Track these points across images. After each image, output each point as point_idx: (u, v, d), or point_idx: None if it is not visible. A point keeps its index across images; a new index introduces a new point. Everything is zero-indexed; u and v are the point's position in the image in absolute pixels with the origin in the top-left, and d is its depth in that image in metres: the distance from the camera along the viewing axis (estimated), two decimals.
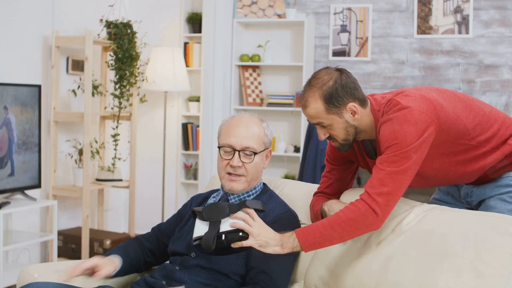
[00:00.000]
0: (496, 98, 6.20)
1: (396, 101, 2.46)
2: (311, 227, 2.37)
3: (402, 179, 2.37)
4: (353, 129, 2.54)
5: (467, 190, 2.86)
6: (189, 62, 6.68)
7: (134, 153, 6.15)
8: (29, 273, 2.82)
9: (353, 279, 2.45)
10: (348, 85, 2.49)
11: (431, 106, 2.46)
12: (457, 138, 2.57)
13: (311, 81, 2.53)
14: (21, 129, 4.94)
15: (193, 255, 2.68)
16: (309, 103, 2.51)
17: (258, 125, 2.81)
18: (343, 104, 2.48)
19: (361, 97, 2.52)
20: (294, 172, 6.81)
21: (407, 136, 2.37)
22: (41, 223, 5.55)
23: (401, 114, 2.41)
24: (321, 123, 2.53)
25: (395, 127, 2.40)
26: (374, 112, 2.54)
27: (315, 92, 2.49)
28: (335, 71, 2.51)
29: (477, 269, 2.15)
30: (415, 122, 2.39)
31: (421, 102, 2.45)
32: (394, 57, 6.59)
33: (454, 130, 2.54)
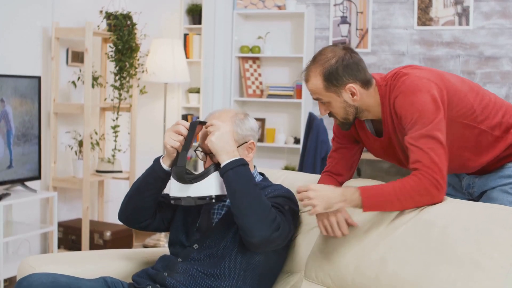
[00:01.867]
0: (496, 90, 6.20)
1: (403, 72, 2.51)
2: (376, 189, 2.40)
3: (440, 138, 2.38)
4: (352, 109, 2.57)
5: (468, 181, 2.85)
6: (189, 54, 6.68)
7: (134, 144, 6.14)
8: (29, 264, 2.82)
9: (353, 269, 2.45)
10: (350, 65, 2.50)
11: (438, 76, 2.51)
12: (465, 117, 2.57)
13: (316, 56, 2.56)
14: (20, 121, 4.94)
15: (196, 246, 2.68)
16: (310, 77, 2.55)
17: (226, 121, 2.72)
18: (342, 84, 2.51)
19: (364, 78, 2.54)
20: (294, 164, 6.81)
21: (426, 105, 2.40)
22: (41, 215, 5.55)
23: (412, 84, 2.44)
24: (320, 99, 2.57)
25: (411, 98, 2.42)
26: (380, 88, 2.57)
27: (317, 68, 2.52)
28: (341, 50, 2.53)
29: (478, 260, 2.15)
30: (427, 90, 2.43)
31: (428, 72, 2.50)
32: (394, 49, 6.58)
33: (461, 106, 2.55)
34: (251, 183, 2.51)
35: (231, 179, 2.51)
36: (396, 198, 2.38)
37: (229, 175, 2.51)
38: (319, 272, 2.62)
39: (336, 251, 2.55)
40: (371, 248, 2.43)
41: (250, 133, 2.78)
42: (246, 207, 2.46)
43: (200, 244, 2.67)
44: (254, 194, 2.48)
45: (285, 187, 2.82)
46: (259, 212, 2.45)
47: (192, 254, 2.67)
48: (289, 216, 2.64)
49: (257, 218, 2.45)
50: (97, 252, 3.21)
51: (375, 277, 2.37)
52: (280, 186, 2.80)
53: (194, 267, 2.63)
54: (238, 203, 2.48)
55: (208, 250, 2.65)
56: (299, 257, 2.81)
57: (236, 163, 2.53)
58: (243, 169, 2.53)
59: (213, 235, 2.66)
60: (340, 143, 2.86)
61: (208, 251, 2.64)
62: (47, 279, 2.51)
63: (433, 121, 2.39)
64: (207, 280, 2.60)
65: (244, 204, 2.47)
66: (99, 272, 2.85)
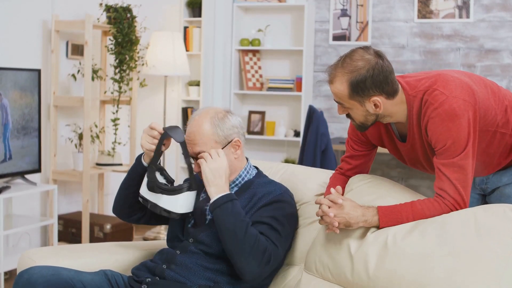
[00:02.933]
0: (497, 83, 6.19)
1: (439, 91, 2.41)
2: (395, 212, 2.43)
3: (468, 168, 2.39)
4: (373, 117, 2.51)
5: (482, 177, 2.84)
6: (189, 47, 6.67)
7: (134, 137, 6.14)
8: (29, 257, 2.82)
9: (352, 264, 2.45)
10: (379, 78, 2.41)
11: (470, 92, 2.43)
12: (490, 126, 2.55)
13: (346, 59, 2.46)
14: (20, 114, 4.93)
15: (191, 240, 2.69)
16: (335, 81, 2.46)
17: (205, 125, 2.71)
18: (368, 96, 2.43)
19: (390, 90, 2.45)
20: (294, 157, 6.82)
21: (461, 132, 2.37)
22: (41, 208, 5.55)
23: (450, 108, 2.37)
24: (342, 104, 2.51)
25: (448, 124, 2.37)
26: (408, 97, 2.49)
27: (344, 75, 2.43)
28: (373, 58, 2.43)
29: (477, 253, 2.16)
30: (464, 114, 2.37)
31: (462, 89, 2.42)
32: (394, 42, 6.58)
33: (488, 116, 2.52)
34: (238, 222, 2.52)
35: (218, 218, 2.54)
36: (412, 217, 2.41)
37: (217, 213, 2.55)
38: (319, 266, 2.62)
39: (336, 245, 2.55)
40: (370, 243, 2.43)
41: (232, 131, 2.74)
42: (234, 248, 2.50)
43: (195, 238, 2.68)
44: (240, 234, 2.49)
45: (278, 184, 2.79)
46: (246, 252, 2.49)
47: (189, 247, 2.67)
48: (285, 226, 2.65)
49: (245, 259, 2.49)
50: (97, 245, 3.21)
51: (373, 272, 2.37)
52: (273, 187, 2.74)
53: (193, 259, 2.63)
54: (226, 241, 2.52)
55: (203, 246, 2.65)
56: (299, 250, 2.81)
57: (223, 199, 2.56)
58: (230, 206, 2.55)
59: (206, 232, 2.67)
60: (357, 150, 2.81)
61: (204, 247, 2.65)
62: (48, 272, 2.52)
63: (465, 149, 2.37)
64: (206, 272, 2.61)
65: (232, 243, 2.50)
66: (99, 264, 2.86)
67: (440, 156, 2.40)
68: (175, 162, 6.67)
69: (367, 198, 2.61)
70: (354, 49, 2.49)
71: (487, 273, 2.12)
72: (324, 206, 2.47)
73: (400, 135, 2.64)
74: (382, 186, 2.68)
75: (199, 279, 2.59)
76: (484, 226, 2.21)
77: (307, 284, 2.63)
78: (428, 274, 2.21)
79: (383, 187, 2.67)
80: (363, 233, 2.49)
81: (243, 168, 2.80)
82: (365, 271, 2.40)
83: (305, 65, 6.59)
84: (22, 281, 2.48)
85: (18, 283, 2.49)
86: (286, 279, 2.79)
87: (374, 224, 2.46)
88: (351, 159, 2.84)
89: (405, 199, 2.53)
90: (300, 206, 2.88)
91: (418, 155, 2.60)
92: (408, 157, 2.67)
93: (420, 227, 2.35)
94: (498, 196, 2.78)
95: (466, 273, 2.14)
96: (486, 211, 2.27)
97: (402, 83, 2.51)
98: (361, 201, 2.54)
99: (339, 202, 2.44)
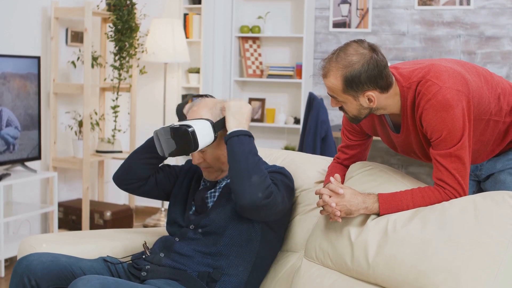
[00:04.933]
0: (497, 70, 6.18)
1: (432, 82, 2.40)
2: (395, 199, 2.44)
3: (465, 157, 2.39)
4: (367, 111, 2.50)
5: (476, 164, 2.84)
6: (189, 34, 6.66)
7: (134, 124, 6.14)
8: (29, 244, 2.83)
9: (352, 251, 2.46)
10: (374, 73, 2.39)
11: (463, 81, 2.43)
12: (483, 114, 2.55)
13: (340, 53, 2.43)
14: (20, 101, 4.93)
15: (192, 227, 2.69)
16: (329, 75, 2.44)
17: (207, 108, 2.73)
18: (362, 90, 2.42)
19: (385, 84, 2.43)
20: (294, 144, 6.81)
21: (455, 122, 2.36)
22: (41, 195, 5.56)
23: (444, 99, 2.36)
24: (335, 98, 2.49)
25: (442, 114, 2.36)
26: (402, 89, 2.48)
27: (338, 70, 2.41)
28: (368, 52, 2.40)
29: (476, 239, 2.16)
30: (458, 104, 2.37)
31: (455, 79, 2.41)
32: (394, 29, 6.56)
33: (481, 105, 2.52)
34: (252, 152, 2.56)
35: (233, 144, 2.56)
36: (412, 205, 2.43)
37: (233, 140, 2.56)
38: (319, 252, 2.62)
39: (336, 232, 2.55)
40: (371, 230, 2.43)
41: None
42: (243, 171, 2.51)
43: (196, 224, 2.69)
44: (253, 161, 2.53)
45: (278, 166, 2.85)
46: (254, 177, 2.49)
47: (188, 233, 2.68)
48: (283, 190, 2.67)
49: (250, 183, 2.48)
50: (97, 232, 3.22)
51: (373, 259, 2.37)
52: (274, 165, 2.83)
53: (191, 246, 2.64)
54: (236, 166, 2.53)
55: (203, 228, 2.66)
56: (299, 236, 2.82)
57: (242, 132, 2.59)
58: (247, 140, 2.58)
59: (209, 217, 2.68)
60: (352, 140, 2.82)
61: (204, 229, 2.66)
62: (47, 258, 2.52)
63: (460, 140, 2.37)
64: (205, 258, 2.62)
65: (242, 168, 2.51)
66: (99, 251, 2.86)
67: (437, 147, 2.41)
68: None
69: (367, 185, 2.61)
70: (348, 42, 2.47)
71: (487, 259, 2.12)
72: (325, 196, 2.47)
73: (394, 125, 2.64)
74: (383, 173, 2.68)
75: (199, 265, 2.60)
76: (483, 213, 2.22)
77: (307, 271, 2.64)
78: (428, 261, 2.22)
79: (383, 175, 2.67)
80: (363, 220, 2.49)
81: None
82: (365, 258, 2.40)
83: (305, 52, 6.57)
84: (22, 267, 2.49)
85: (18, 270, 2.49)
86: (286, 266, 2.80)
87: (374, 211, 2.46)
88: (347, 149, 2.85)
89: (406, 187, 2.53)
90: (300, 193, 2.89)
91: (412, 146, 2.60)
92: (402, 147, 2.67)
93: (420, 214, 2.35)
94: (492, 182, 2.79)
95: (465, 259, 2.15)
96: (485, 198, 2.28)
97: (395, 75, 2.50)
98: (361, 189, 2.55)
99: (340, 192, 2.45)
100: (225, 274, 2.61)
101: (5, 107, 4.81)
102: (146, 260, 2.69)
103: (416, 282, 2.24)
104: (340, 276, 2.52)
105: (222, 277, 2.60)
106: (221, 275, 2.60)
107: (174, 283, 2.52)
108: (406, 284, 2.27)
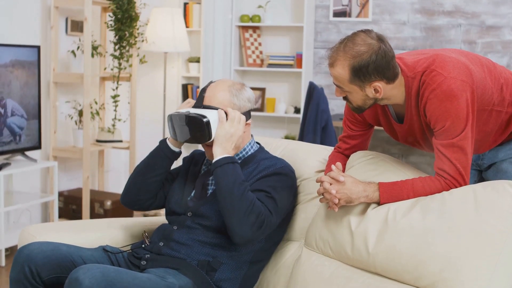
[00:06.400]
0: (498, 59, 6.18)
1: (437, 72, 2.39)
2: (396, 188, 2.44)
3: (467, 148, 2.39)
4: (371, 101, 2.49)
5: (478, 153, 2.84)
6: (189, 23, 6.65)
7: (134, 114, 6.14)
8: (30, 233, 2.83)
9: (352, 240, 2.46)
10: (381, 64, 2.38)
11: (468, 72, 2.42)
12: (486, 104, 2.55)
13: (348, 43, 2.41)
14: (20, 90, 4.92)
15: (189, 214, 2.69)
16: (336, 65, 2.43)
17: (223, 92, 2.73)
18: (369, 81, 2.41)
19: (392, 75, 2.43)
20: (295, 133, 6.82)
21: (459, 113, 2.36)
22: (41, 184, 5.56)
23: (448, 89, 2.35)
24: (341, 88, 2.48)
25: (446, 104, 2.36)
26: (407, 79, 2.47)
27: (346, 60, 2.39)
28: (376, 43, 2.38)
29: (477, 228, 2.16)
30: (462, 95, 2.36)
31: (460, 70, 2.40)
32: (395, 18, 6.55)
33: (484, 96, 2.51)
34: (237, 182, 2.53)
35: (218, 176, 2.56)
36: (412, 194, 2.42)
37: (217, 172, 2.56)
38: (319, 241, 2.63)
39: (336, 221, 2.56)
40: (371, 219, 2.43)
41: (247, 104, 2.76)
42: (229, 208, 2.51)
43: (194, 212, 2.69)
44: (238, 193, 2.51)
45: (280, 159, 2.80)
46: (241, 213, 2.49)
47: (186, 221, 2.68)
48: (283, 197, 2.66)
49: (238, 219, 2.49)
50: (98, 221, 3.22)
51: (373, 248, 2.38)
52: (274, 161, 2.77)
53: (190, 235, 2.64)
54: (222, 201, 2.54)
55: (202, 219, 2.66)
56: (299, 225, 2.82)
57: (225, 160, 2.58)
58: (231, 168, 2.56)
59: (206, 205, 2.68)
60: (354, 130, 2.81)
61: (203, 221, 2.66)
62: (48, 247, 2.52)
63: (463, 130, 2.37)
64: (204, 248, 2.62)
65: (227, 204, 2.51)
66: (99, 240, 2.86)
67: (439, 137, 2.40)
68: None
69: (368, 174, 2.61)
70: (356, 32, 2.45)
71: (487, 249, 2.13)
72: (325, 183, 2.47)
73: (397, 116, 2.63)
74: (383, 162, 2.68)
75: (198, 254, 2.60)
76: (483, 202, 2.21)
77: (307, 259, 2.64)
78: (428, 250, 2.22)
79: (384, 164, 2.67)
80: (364, 209, 2.49)
81: (247, 143, 2.80)
82: (365, 247, 2.40)
83: (305, 42, 6.57)
84: (22, 256, 2.49)
85: (18, 259, 2.49)
86: (286, 255, 2.80)
87: (375, 200, 2.46)
88: (349, 139, 2.84)
89: (406, 176, 2.53)
90: (301, 182, 2.88)
91: (415, 136, 2.59)
92: (405, 137, 2.66)
93: (420, 203, 2.35)
94: (494, 171, 2.79)
95: (465, 248, 2.15)
96: (486, 187, 2.27)
97: (400, 65, 2.49)
98: (362, 178, 2.55)
99: (341, 180, 2.45)
100: (225, 264, 2.62)
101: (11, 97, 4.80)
102: (146, 249, 2.69)
103: (416, 271, 2.24)
104: (340, 265, 2.52)
105: (221, 266, 2.60)
106: (220, 264, 2.60)
107: (174, 271, 2.52)
108: (406, 273, 2.27)
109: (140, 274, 2.41)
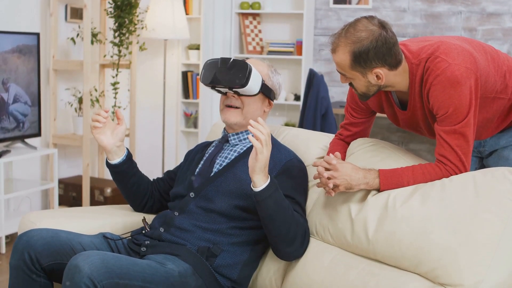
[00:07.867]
0: (498, 47, 6.16)
1: (441, 58, 2.39)
2: (396, 175, 2.45)
3: (469, 135, 2.39)
4: (375, 88, 2.49)
5: (480, 140, 2.84)
6: (188, 10, 6.63)
7: (134, 101, 6.13)
8: (30, 220, 2.83)
9: (352, 227, 2.46)
10: (382, 50, 2.38)
11: (472, 59, 2.41)
12: (489, 92, 2.55)
13: (349, 29, 2.41)
14: (20, 78, 4.92)
15: (192, 195, 2.69)
16: (337, 51, 2.43)
17: (263, 66, 2.86)
18: (370, 67, 2.41)
19: (393, 62, 2.42)
20: (295, 120, 6.81)
21: (462, 100, 2.35)
22: (41, 172, 5.56)
23: (453, 75, 2.35)
24: (344, 74, 2.49)
25: (450, 91, 2.36)
26: (411, 65, 2.47)
27: (347, 46, 2.39)
28: (377, 29, 2.38)
29: (477, 215, 2.17)
30: (466, 82, 2.36)
31: (464, 57, 2.40)
32: (395, 5, 6.53)
33: (488, 84, 2.51)
34: (286, 209, 2.52)
35: (269, 207, 2.48)
36: (412, 181, 2.43)
37: (268, 203, 2.47)
38: (320, 228, 2.63)
39: (336, 208, 2.56)
40: (371, 206, 2.44)
41: (276, 86, 2.90)
42: (285, 236, 2.54)
43: (196, 194, 2.69)
44: (288, 219, 2.52)
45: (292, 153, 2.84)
46: (291, 236, 2.54)
47: (188, 205, 2.68)
48: (303, 193, 2.75)
49: (293, 244, 2.56)
50: (97, 208, 3.23)
51: (373, 234, 2.38)
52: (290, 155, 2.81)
53: (191, 221, 2.64)
54: (271, 227, 2.52)
55: (205, 202, 2.67)
56: None
57: (271, 188, 2.48)
58: (279, 195, 2.51)
59: (210, 187, 2.68)
60: (356, 118, 2.81)
61: (205, 203, 2.66)
62: (47, 234, 2.52)
63: (466, 117, 2.37)
64: (205, 233, 2.62)
65: (277, 230, 2.52)
66: (99, 227, 2.87)
67: (442, 123, 2.40)
68: (175, 124, 6.66)
69: (368, 161, 2.61)
70: (359, 18, 2.45)
71: (486, 235, 2.13)
72: (319, 168, 2.49)
73: (400, 102, 2.64)
74: (384, 149, 2.68)
75: (198, 240, 2.60)
76: (483, 189, 2.22)
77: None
78: (427, 237, 2.22)
79: (384, 151, 2.67)
80: (364, 196, 2.50)
81: None
82: (365, 234, 2.41)
83: (305, 29, 6.55)
84: (22, 243, 2.49)
85: (18, 245, 2.49)
86: None
87: (375, 187, 2.46)
88: (351, 126, 2.84)
89: (406, 163, 2.53)
90: None
91: (418, 122, 2.60)
92: (407, 124, 2.67)
93: (420, 190, 2.36)
94: (495, 158, 2.79)
95: (465, 235, 2.15)
96: (486, 174, 2.28)
97: (404, 52, 2.49)
98: (362, 165, 2.55)
99: (333, 163, 2.46)
100: (225, 251, 2.62)
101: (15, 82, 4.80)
102: (146, 236, 2.70)
103: (415, 258, 2.24)
104: (340, 251, 2.53)
105: (221, 252, 2.61)
106: (220, 251, 2.60)
107: (174, 258, 2.52)
108: (405, 260, 2.28)
109: (139, 260, 2.41)
